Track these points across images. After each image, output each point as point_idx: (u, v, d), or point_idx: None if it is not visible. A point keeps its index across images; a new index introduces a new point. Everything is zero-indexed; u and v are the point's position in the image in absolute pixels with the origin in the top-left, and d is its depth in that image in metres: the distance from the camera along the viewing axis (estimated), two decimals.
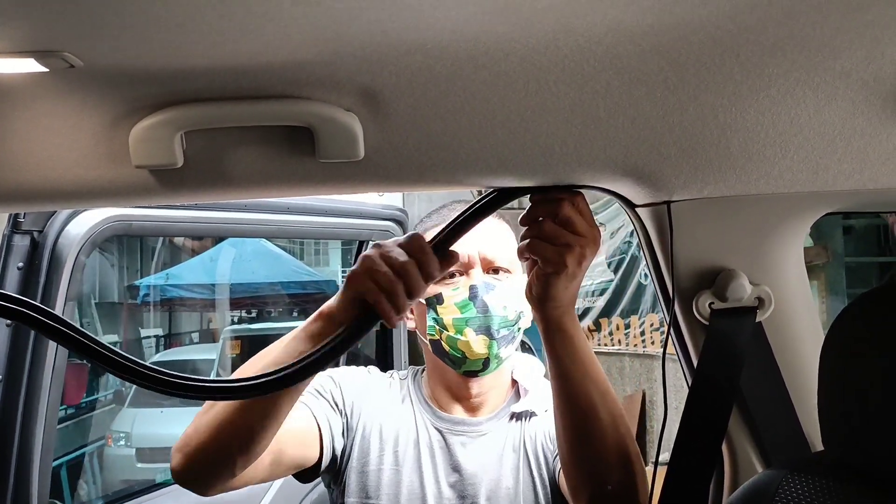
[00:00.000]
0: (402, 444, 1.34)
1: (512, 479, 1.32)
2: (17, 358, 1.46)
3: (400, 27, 0.76)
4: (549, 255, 1.03)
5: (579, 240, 1.04)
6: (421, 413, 1.38)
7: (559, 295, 1.04)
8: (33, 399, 1.44)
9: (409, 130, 0.93)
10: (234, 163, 0.96)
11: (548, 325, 1.07)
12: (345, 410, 1.36)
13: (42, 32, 0.72)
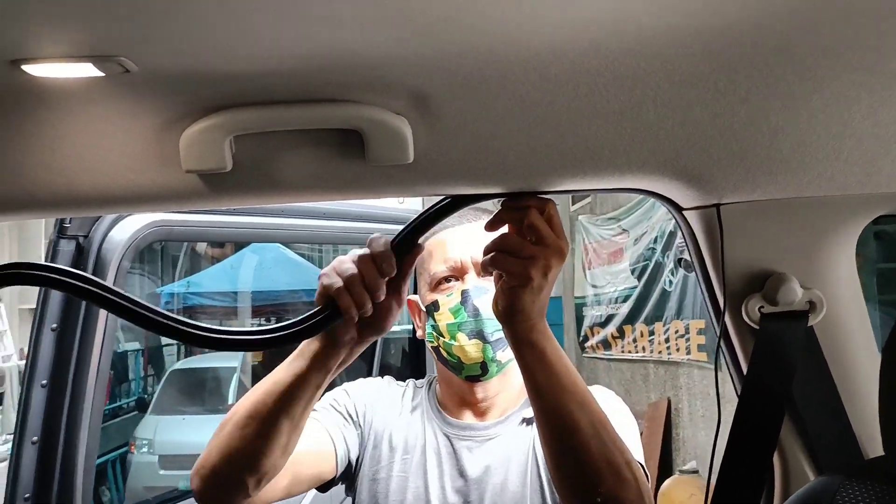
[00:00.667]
0: (410, 452, 1.36)
1: (519, 484, 1.31)
2: (61, 363, 1.48)
3: (453, 31, 0.76)
4: (514, 268, 1.01)
5: (544, 251, 1.01)
6: (430, 420, 1.39)
7: (526, 308, 1.03)
8: (77, 403, 1.46)
9: (458, 134, 0.93)
10: (282, 167, 0.96)
11: (516, 339, 1.05)
12: (358, 421, 1.38)
13: (101, 37, 0.72)
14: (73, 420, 1.46)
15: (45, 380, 1.46)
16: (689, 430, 6.19)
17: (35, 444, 1.46)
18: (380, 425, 1.37)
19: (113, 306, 1.05)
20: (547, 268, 1.01)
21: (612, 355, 7.81)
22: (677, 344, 6.26)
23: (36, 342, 1.47)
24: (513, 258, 1.01)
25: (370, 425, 1.38)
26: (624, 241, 7.40)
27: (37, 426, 1.46)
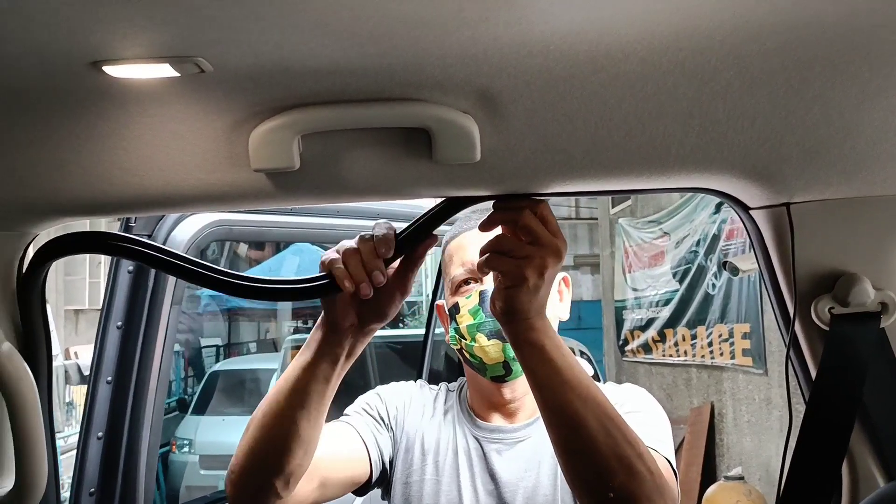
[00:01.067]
0: (441, 455, 1.36)
1: (550, 486, 1.30)
2: (125, 361, 1.51)
3: (524, 30, 0.76)
4: (509, 268, 1.01)
5: (539, 250, 1.01)
6: (461, 423, 1.39)
7: (523, 308, 1.02)
8: (141, 399, 1.49)
9: (524, 133, 0.93)
10: (349, 165, 0.97)
11: (516, 339, 1.05)
12: (390, 424, 1.39)
13: (180, 38, 0.73)
14: (137, 416, 1.49)
15: (110, 377, 1.49)
16: (733, 435, 6.10)
17: (100, 440, 1.49)
18: (412, 429, 1.38)
19: (179, 270, 1.09)
20: (543, 267, 1.01)
21: (653, 359, 7.73)
22: (721, 348, 6.17)
23: (101, 340, 1.50)
24: (508, 258, 1.01)
25: (402, 428, 1.38)
26: (665, 243, 7.33)
27: (102, 422, 1.49)
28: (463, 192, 1.02)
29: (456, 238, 1.34)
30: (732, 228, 5.92)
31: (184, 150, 0.93)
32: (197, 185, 0.98)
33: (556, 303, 1.37)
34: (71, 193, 1.00)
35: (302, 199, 1.03)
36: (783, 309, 1.10)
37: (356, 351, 1.13)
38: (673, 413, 7.21)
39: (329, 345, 1.11)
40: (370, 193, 1.03)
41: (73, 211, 1.05)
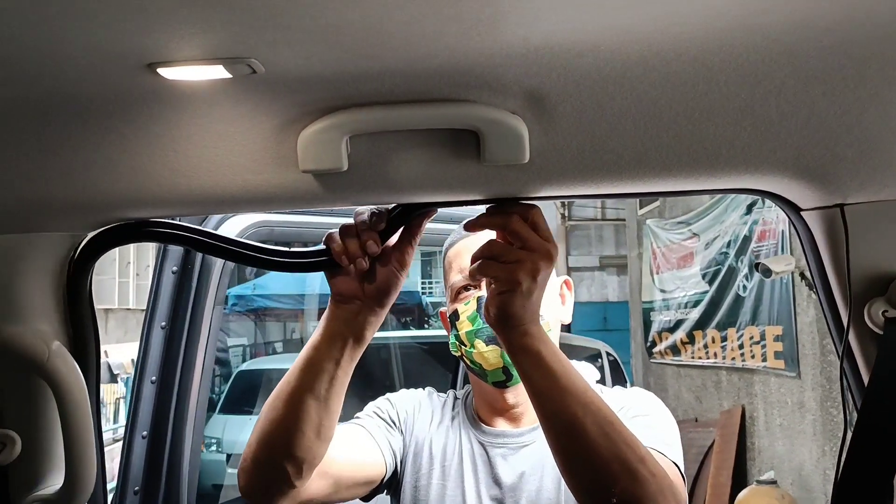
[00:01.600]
0: (448, 460, 1.36)
1: (554, 490, 1.30)
2: (169, 361, 1.53)
3: (576, 29, 0.75)
4: (500, 274, 1.01)
5: (530, 255, 1.01)
6: (466, 428, 1.40)
7: (517, 313, 1.02)
8: (184, 398, 1.51)
9: (573, 133, 0.92)
10: (396, 166, 0.96)
11: (510, 345, 1.05)
12: (401, 427, 1.40)
13: (234, 40, 0.74)
14: (181, 415, 1.51)
15: (155, 376, 1.50)
16: (765, 439, 6.03)
17: (145, 439, 1.51)
18: (421, 434, 1.39)
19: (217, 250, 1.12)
20: (535, 271, 1.01)
21: (682, 361, 7.67)
22: (752, 350, 6.11)
23: (146, 340, 1.51)
24: (499, 264, 1.01)
25: (412, 433, 1.39)
26: (694, 245, 7.27)
27: (146, 421, 1.51)
28: (510, 194, 1.02)
29: (454, 245, 1.35)
30: (764, 230, 5.86)
31: (232, 151, 0.94)
32: (245, 185, 0.98)
33: (557, 306, 1.37)
34: (121, 194, 1.01)
35: (349, 201, 1.03)
36: (834, 312, 1.08)
37: (365, 334, 1.12)
38: (702, 416, 7.14)
39: (336, 321, 1.11)
40: (417, 194, 1.02)
41: (123, 212, 1.06)
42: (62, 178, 0.97)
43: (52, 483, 1.09)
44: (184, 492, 1.52)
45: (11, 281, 1.05)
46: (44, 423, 1.09)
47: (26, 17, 0.68)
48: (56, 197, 1.00)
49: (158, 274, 1.50)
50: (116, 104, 0.86)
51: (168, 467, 1.50)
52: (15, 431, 1.07)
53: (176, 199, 1.01)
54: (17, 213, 1.03)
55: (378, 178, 0.98)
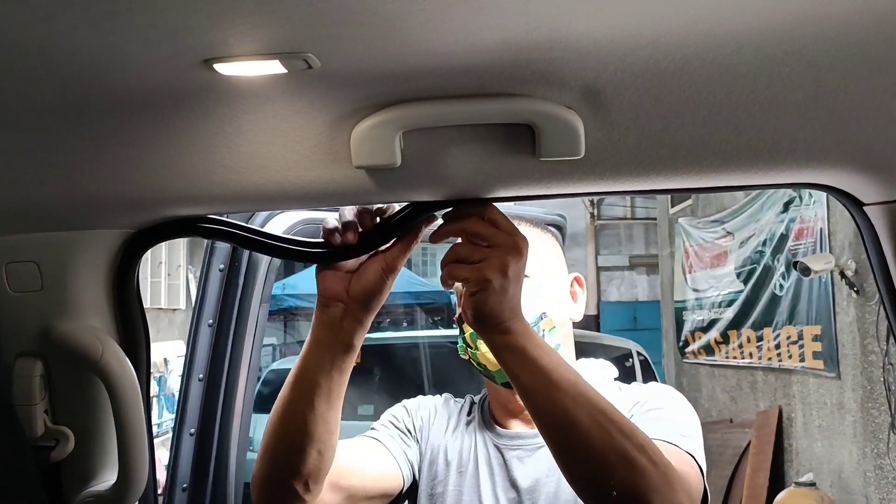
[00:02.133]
0: (464, 465, 1.35)
1: (571, 491, 1.26)
2: (217, 359, 1.53)
3: (637, 21, 0.74)
4: (468, 274, 1.00)
5: (495, 251, 1.00)
6: (482, 432, 1.38)
7: (494, 311, 1.00)
8: (231, 396, 1.51)
9: (629, 127, 0.90)
10: (450, 162, 0.96)
11: (493, 345, 1.03)
12: (416, 436, 1.39)
13: (292, 34, 0.73)
14: (228, 413, 1.51)
15: (202, 374, 1.51)
16: (803, 440, 5.94)
17: (192, 436, 1.52)
18: (436, 440, 1.38)
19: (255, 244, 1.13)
20: (503, 266, 0.99)
21: (716, 361, 7.58)
22: (789, 350, 6.01)
23: (193, 337, 1.52)
24: (466, 265, 1.00)
25: (427, 440, 1.38)
26: (728, 243, 7.18)
27: (194, 419, 1.51)
28: (565, 189, 1.00)
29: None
30: (802, 228, 5.77)
31: (285, 147, 0.93)
32: (297, 181, 0.98)
33: (567, 303, 1.35)
34: (173, 191, 1.01)
35: (401, 196, 1.02)
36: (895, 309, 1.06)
37: (352, 341, 1.10)
38: (737, 416, 7.05)
39: (321, 328, 1.10)
40: (470, 190, 1.01)
41: (174, 208, 1.06)
42: (115, 175, 0.98)
43: (104, 479, 1.10)
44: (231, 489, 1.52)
45: (64, 278, 1.06)
46: (96, 419, 1.10)
47: (87, 14, 0.68)
48: (108, 194, 1.01)
49: (206, 272, 1.51)
50: (171, 101, 0.86)
51: (215, 465, 1.51)
52: (68, 427, 1.08)
53: (228, 195, 1.01)
54: (71, 211, 1.03)
55: (431, 174, 0.97)
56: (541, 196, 1.03)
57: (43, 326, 1.06)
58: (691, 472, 1.10)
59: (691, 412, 1.26)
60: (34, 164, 0.95)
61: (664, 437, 1.13)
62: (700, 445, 1.19)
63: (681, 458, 1.10)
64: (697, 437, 1.20)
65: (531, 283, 1.28)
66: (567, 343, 1.34)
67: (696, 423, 1.24)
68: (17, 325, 1.07)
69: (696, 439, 1.19)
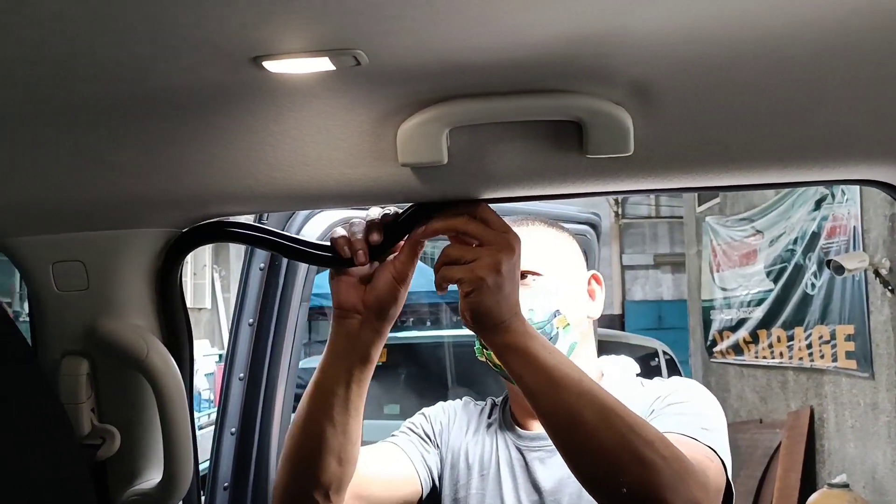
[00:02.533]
0: (485, 468, 1.34)
1: None
2: (257, 358, 1.54)
3: (689, 14, 0.72)
4: (462, 275, 0.99)
5: (487, 250, 0.99)
6: (504, 434, 1.37)
7: (492, 311, 0.99)
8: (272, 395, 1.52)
9: (678, 123, 0.89)
10: (496, 159, 0.95)
11: (494, 345, 1.02)
12: (436, 441, 1.38)
13: (342, 30, 0.72)
14: (268, 412, 1.52)
15: (243, 373, 1.51)
16: (836, 441, 5.86)
17: (233, 435, 1.52)
18: (456, 444, 1.37)
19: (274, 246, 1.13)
20: (496, 265, 0.98)
21: (745, 361, 7.51)
22: (821, 350, 5.94)
23: (234, 337, 1.52)
24: (459, 266, 0.99)
25: (448, 445, 1.37)
26: (758, 242, 7.10)
27: (235, 418, 1.52)
28: (613, 187, 0.99)
29: None
30: (834, 226, 5.69)
31: (329, 145, 0.93)
32: (341, 180, 0.97)
33: (583, 301, 1.34)
34: (216, 190, 1.01)
35: (447, 194, 1.01)
36: None
37: (370, 353, 1.10)
38: (767, 417, 6.97)
39: (339, 339, 1.09)
40: (517, 188, 1.00)
41: (218, 207, 1.06)
42: (159, 174, 0.98)
43: (150, 477, 1.11)
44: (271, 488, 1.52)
45: (110, 277, 1.07)
46: (141, 418, 1.10)
47: (139, 13, 0.67)
48: (152, 193, 1.01)
49: (246, 271, 1.51)
50: (217, 99, 0.85)
51: (256, 464, 1.51)
52: (114, 426, 1.08)
53: (271, 194, 1.00)
54: (116, 210, 1.04)
55: (477, 172, 0.96)
56: (587, 194, 1.02)
57: (89, 325, 1.07)
58: (710, 465, 1.08)
59: (714, 406, 1.24)
60: (81, 163, 0.96)
61: (683, 431, 1.11)
62: (722, 439, 1.17)
63: (699, 452, 1.08)
64: (720, 431, 1.18)
65: (543, 281, 1.28)
66: (585, 341, 1.33)
67: (719, 417, 1.22)
68: (63, 325, 1.08)
69: (718, 433, 1.17)
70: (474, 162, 0.94)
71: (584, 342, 1.32)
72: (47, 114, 0.86)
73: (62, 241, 1.06)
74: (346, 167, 0.96)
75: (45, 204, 1.01)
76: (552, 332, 1.26)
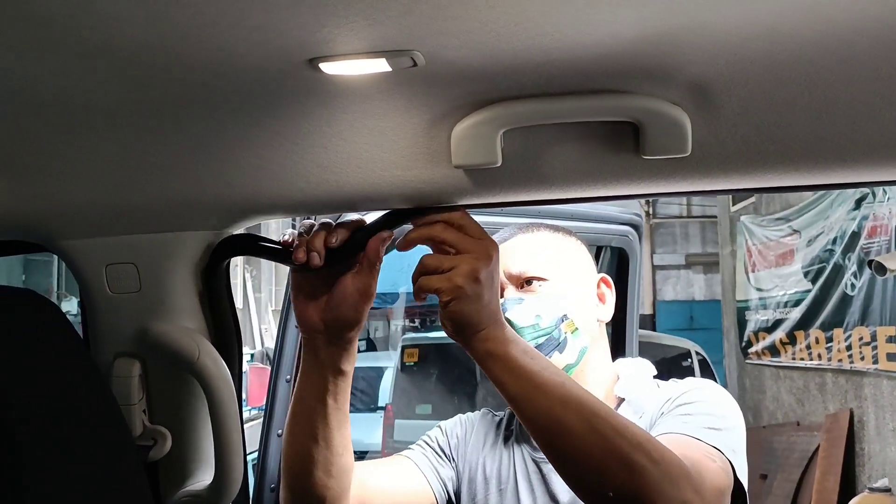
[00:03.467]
0: (503, 481, 1.33)
1: None
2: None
3: (753, 11, 0.70)
4: (440, 285, 0.98)
5: (465, 258, 0.98)
6: (520, 447, 1.35)
7: (472, 319, 0.98)
8: None
9: (738, 123, 0.87)
10: (550, 161, 0.93)
11: (476, 353, 1.01)
12: (452, 455, 1.37)
13: (400, 31, 0.72)
14: None
15: (289, 375, 1.51)
16: (876, 444, 5.76)
17: (280, 437, 1.52)
18: (473, 458, 1.36)
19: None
20: (474, 272, 0.97)
21: (781, 362, 7.40)
22: (861, 352, 5.83)
23: (281, 339, 1.53)
24: (437, 276, 0.98)
25: (464, 459, 1.36)
26: (795, 242, 7.00)
27: (281, 420, 1.52)
28: (668, 188, 0.97)
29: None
30: (875, 225, 5.59)
31: (382, 147, 0.92)
32: (393, 181, 0.97)
33: (594, 305, 1.32)
34: (268, 192, 1.01)
35: (500, 196, 1.00)
36: None
37: (341, 367, 1.10)
38: (804, 419, 6.87)
39: (309, 355, 1.10)
40: (570, 190, 0.99)
41: (270, 209, 1.06)
42: (211, 176, 0.98)
43: (200, 479, 1.11)
44: None
45: (162, 279, 1.07)
46: (192, 419, 1.11)
47: (201, 16, 0.67)
48: (204, 196, 1.01)
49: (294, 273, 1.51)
50: (271, 101, 0.85)
51: None
52: (165, 428, 1.09)
53: (323, 196, 1.00)
54: (168, 212, 1.04)
55: (531, 173, 0.95)
56: (641, 195, 1.00)
57: (141, 327, 1.07)
58: (710, 466, 1.06)
59: (727, 406, 1.21)
60: (135, 166, 0.96)
61: (686, 432, 1.10)
62: (732, 439, 1.15)
63: (698, 452, 1.07)
64: (730, 431, 1.16)
65: (550, 286, 1.27)
66: (596, 345, 1.31)
67: (731, 417, 1.19)
68: (115, 326, 1.08)
69: (727, 432, 1.15)
70: (528, 163, 0.93)
71: (595, 346, 1.30)
72: (103, 118, 0.87)
73: (115, 244, 1.06)
74: (399, 169, 0.95)
75: (99, 207, 1.02)
76: (560, 337, 1.25)
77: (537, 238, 1.32)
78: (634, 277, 1.96)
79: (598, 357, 1.32)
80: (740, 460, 1.13)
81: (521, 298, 1.26)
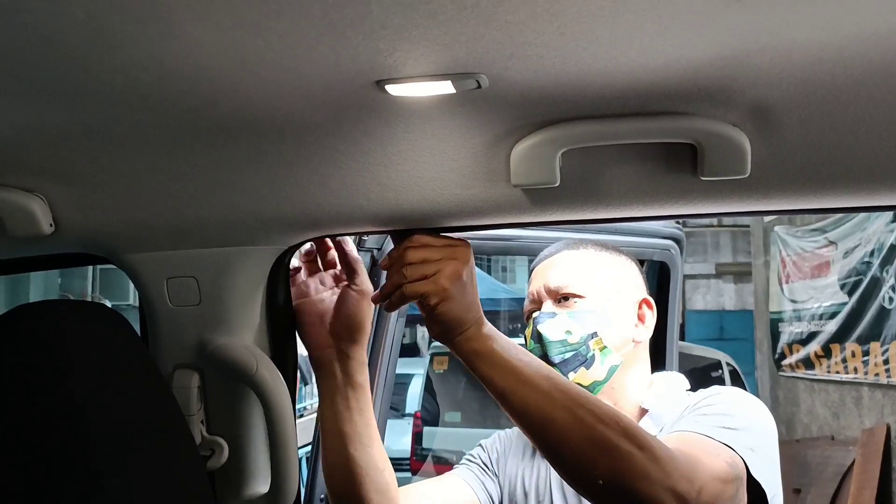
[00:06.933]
0: (541, 493, 1.33)
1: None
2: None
3: (821, 35, 0.70)
4: (426, 289, 1.01)
5: (444, 262, 1.02)
6: None
7: (459, 319, 1.02)
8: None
9: (798, 145, 0.87)
10: (608, 181, 0.94)
11: (462, 353, 1.04)
12: (494, 470, 1.39)
13: (468, 55, 0.73)
14: None
15: None
16: None
17: None
18: (513, 472, 1.37)
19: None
20: (457, 273, 1.02)
21: (816, 375, 7.29)
22: None
23: None
24: (421, 282, 1.01)
25: (505, 473, 1.38)
26: (831, 254, 6.90)
27: None
28: (725, 209, 0.98)
29: (538, 264, 1.34)
30: None
31: (442, 166, 0.94)
32: (452, 200, 0.98)
33: (632, 325, 1.31)
34: (329, 209, 1.02)
35: (556, 214, 1.01)
36: None
37: (355, 377, 1.14)
38: (839, 433, 6.76)
39: (323, 375, 1.14)
40: (627, 209, 1.00)
41: (329, 226, 1.08)
42: (272, 194, 1.00)
43: (256, 489, 1.13)
44: None
45: (223, 293, 1.09)
46: (249, 430, 1.12)
47: (275, 41, 0.69)
48: (265, 212, 1.03)
49: None
50: (335, 120, 0.87)
51: None
52: (223, 438, 1.11)
53: (382, 213, 1.02)
54: (229, 228, 1.06)
55: (589, 193, 0.96)
56: (699, 215, 1.01)
57: (200, 339, 1.09)
58: (712, 460, 1.05)
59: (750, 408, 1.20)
60: (199, 183, 0.98)
61: (696, 430, 1.10)
62: (750, 439, 1.13)
63: (702, 446, 1.07)
64: (746, 431, 1.14)
65: (585, 304, 1.28)
66: (633, 364, 1.30)
67: (751, 418, 1.18)
68: (175, 338, 1.11)
69: (742, 432, 1.13)
70: (586, 183, 0.94)
71: (630, 365, 1.30)
72: (170, 136, 0.89)
73: (176, 258, 1.09)
74: (458, 187, 0.96)
75: (162, 222, 1.05)
76: (588, 353, 1.25)
77: (581, 255, 1.33)
78: (675, 291, 1.96)
79: (633, 375, 1.31)
80: (759, 459, 1.12)
81: (554, 313, 1.27)
